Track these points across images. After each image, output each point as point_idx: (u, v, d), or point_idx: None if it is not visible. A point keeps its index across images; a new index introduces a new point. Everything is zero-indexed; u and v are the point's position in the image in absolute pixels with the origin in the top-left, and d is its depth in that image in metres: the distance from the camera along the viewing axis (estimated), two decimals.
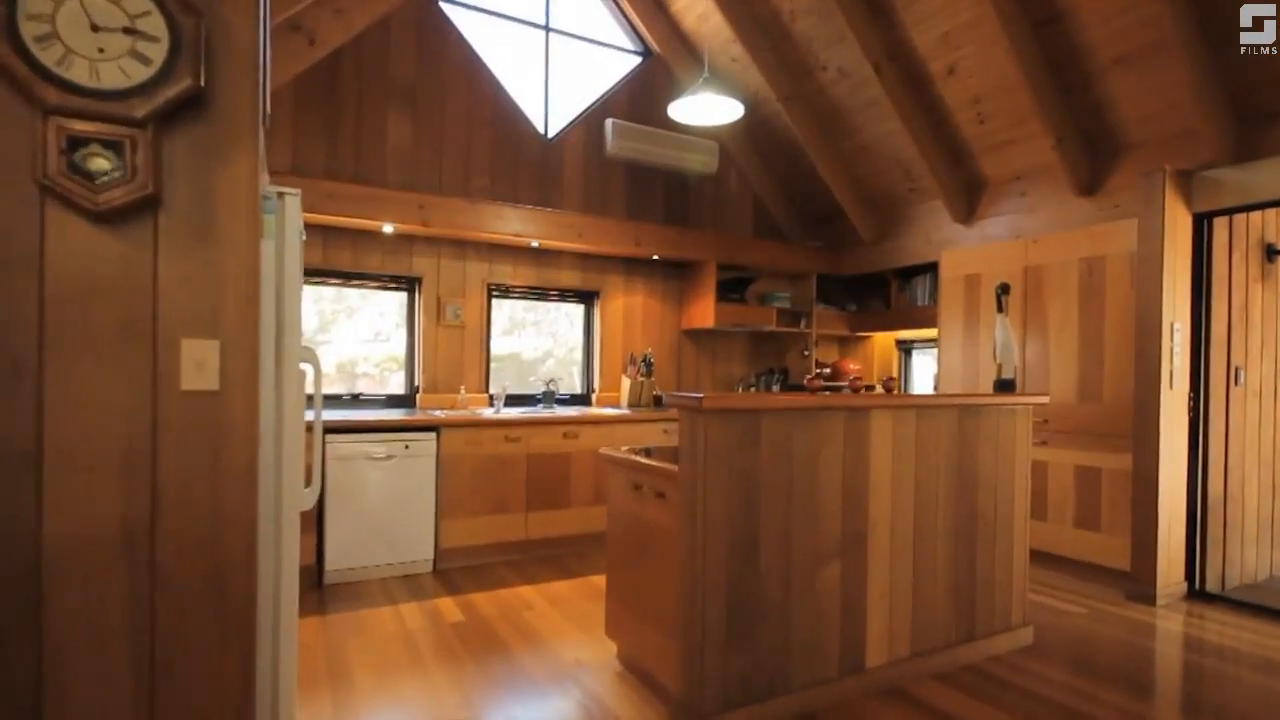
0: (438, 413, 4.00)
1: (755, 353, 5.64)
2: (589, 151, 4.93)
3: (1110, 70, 3.49)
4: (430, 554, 3.71)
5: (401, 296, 4.46)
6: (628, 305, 5.09)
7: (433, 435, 3.72)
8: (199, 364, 1.39)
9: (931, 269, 4.97)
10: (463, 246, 4.49)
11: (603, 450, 2.64)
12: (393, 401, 4.36)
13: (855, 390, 2.45)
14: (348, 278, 4.23)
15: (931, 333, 5.16)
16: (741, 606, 2.10)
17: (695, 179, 5.37)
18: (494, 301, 4.70)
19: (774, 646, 2.16)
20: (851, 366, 5.72)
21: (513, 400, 4.64)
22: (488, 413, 4.20)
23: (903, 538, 2.47)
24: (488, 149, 4.56)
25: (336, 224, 3.96)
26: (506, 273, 4.65)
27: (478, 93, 4.51)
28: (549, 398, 4.66)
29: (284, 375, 1.61)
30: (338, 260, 4.11)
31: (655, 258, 4.95)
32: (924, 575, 2.52)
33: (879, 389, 2.35)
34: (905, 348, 5.51)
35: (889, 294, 5.33)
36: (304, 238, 1.76)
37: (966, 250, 4.28)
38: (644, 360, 4.95)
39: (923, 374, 5.48)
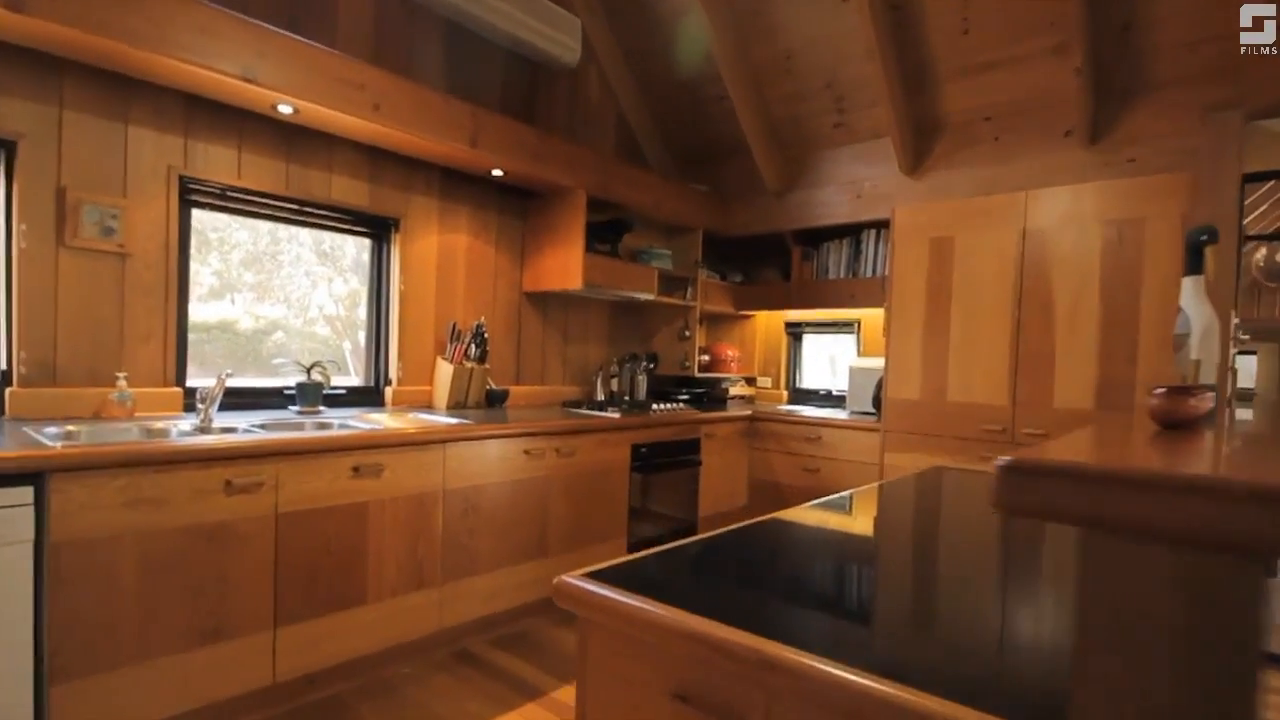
0: (48, 435, 1.79)
1: (616, 330, 4.12)
2: None
3: None
4: None
5: None
6: (446, 247, 3.20)
7: (25, 494, 1.56)
8: None
9: (852, 232, 3.93)
10: (124, 91, 2.23)
11: (594, 591, 0.92)
12: None
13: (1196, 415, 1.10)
14: None
15: (838, 314, 4.14)
16: None
17: (547, 70, 3.64)
18: (194, 213, 2.49)
19: None
20: (729, 352, 4.52)
21: (235, 400, 2.51)
22: (183, 428, 2.09)
23: None
24: None
25: None
26: (220, 160, 2.48)
27: None
28: (310, 395, 2.62)
29: None
30: None
31: (498, 174, 3.14)
32: None
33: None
34: (795, 331, 4.45)
35: (789, 263, 4.19)
36: None
37: (928, 207, 3.25)
38: (474, 335, 3.13)
39: (814, 365, 4.48)
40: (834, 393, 4.26)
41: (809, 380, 4.45)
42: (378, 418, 2.62)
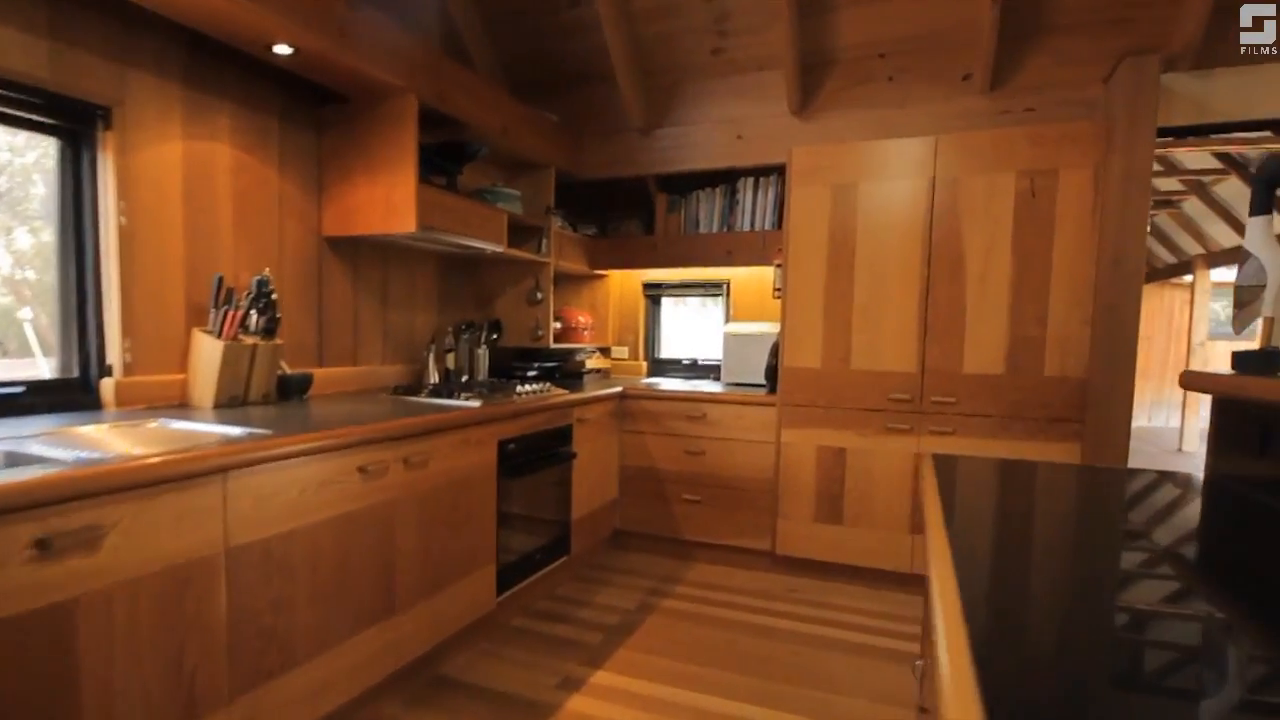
0: None
1: (448, 292, 3.24)
2: None
3: None
4: None
5: None
6: (197, 161, 2.11)
7: None
8: None
9: (726, 180, 3.46)
10: None
11: None
12: None
13: None
14: None
15: (707, 274, 3.69)
16: None
17: None
18: None
19: None
20: (581, 318, 3.88)
21: None
22: None
23: None
24: None
25: None
26: None
27: None
28: None
29: None
30: None
31: (284, 52, 2.11)
32: None
33: None
34: (654, 294, 3.91)
35: (651, 214, 3.62)
36: None
37: (829, 149, 2.86)
38: (254, 296, 2.11)
39: (675, 332, 3.99)
40: (700, 362, 3.82)
41: (669, 349, 3.97)
42: (91, 433, 1.57)
